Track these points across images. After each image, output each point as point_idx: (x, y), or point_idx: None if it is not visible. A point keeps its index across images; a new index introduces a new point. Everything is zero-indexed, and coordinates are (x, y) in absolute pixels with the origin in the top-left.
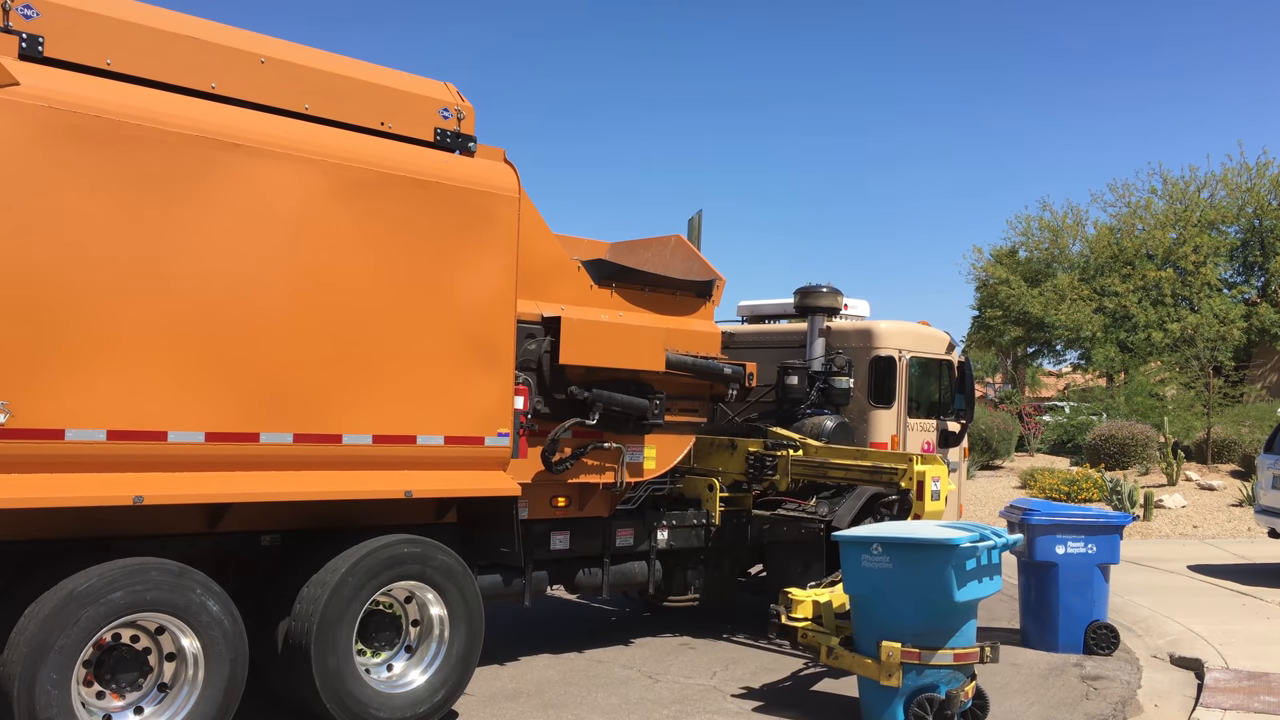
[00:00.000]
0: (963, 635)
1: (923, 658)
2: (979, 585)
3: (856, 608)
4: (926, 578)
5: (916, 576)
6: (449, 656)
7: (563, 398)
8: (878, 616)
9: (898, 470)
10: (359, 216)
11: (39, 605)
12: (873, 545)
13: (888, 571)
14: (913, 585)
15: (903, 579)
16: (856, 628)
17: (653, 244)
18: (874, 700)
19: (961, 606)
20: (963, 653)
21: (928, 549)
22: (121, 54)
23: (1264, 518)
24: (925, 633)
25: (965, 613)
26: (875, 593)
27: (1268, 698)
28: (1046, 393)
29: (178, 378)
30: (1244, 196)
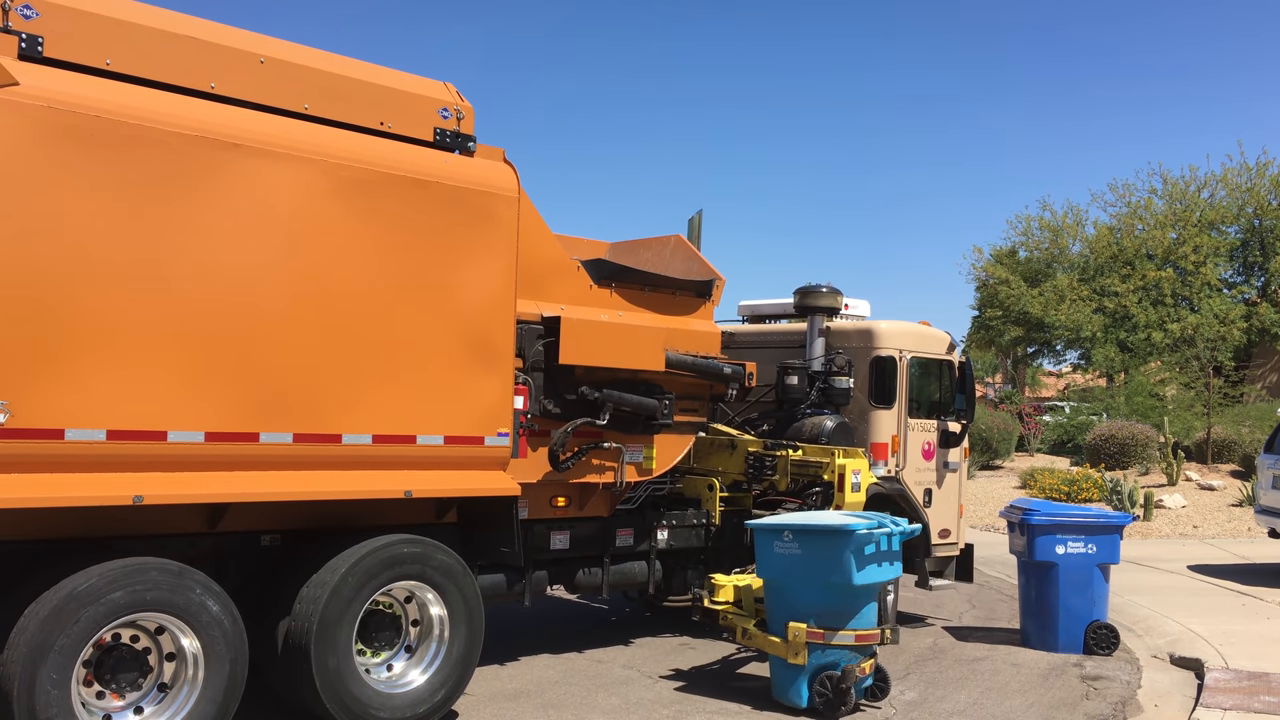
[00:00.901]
0: (863, 618)
1: (826, 638)
2: (878, 569)
3: (769, 591)
4: (829, 561)
5: (820, 560)
6: (449, 656)
7: (573, 398)
8: (787, 599)
9: (823, 464)
10: (359, 216)
11: (39, 605)
12: (784, 532)
13: (796, 556)
14: (817, 569)
15: (808, 563)
16: (769, 610)
17: (653, 244)
18: (783, 677)
19: (861, 589)
20: (864, 634)
21: (829, 534)
22: (121, 54)
23: (1264, 518)
24: (829, 614)
25: (865, 595)
26: (785, 576)
27: (1268, 698)
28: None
29: (178, 377)
30: (1244, 196)
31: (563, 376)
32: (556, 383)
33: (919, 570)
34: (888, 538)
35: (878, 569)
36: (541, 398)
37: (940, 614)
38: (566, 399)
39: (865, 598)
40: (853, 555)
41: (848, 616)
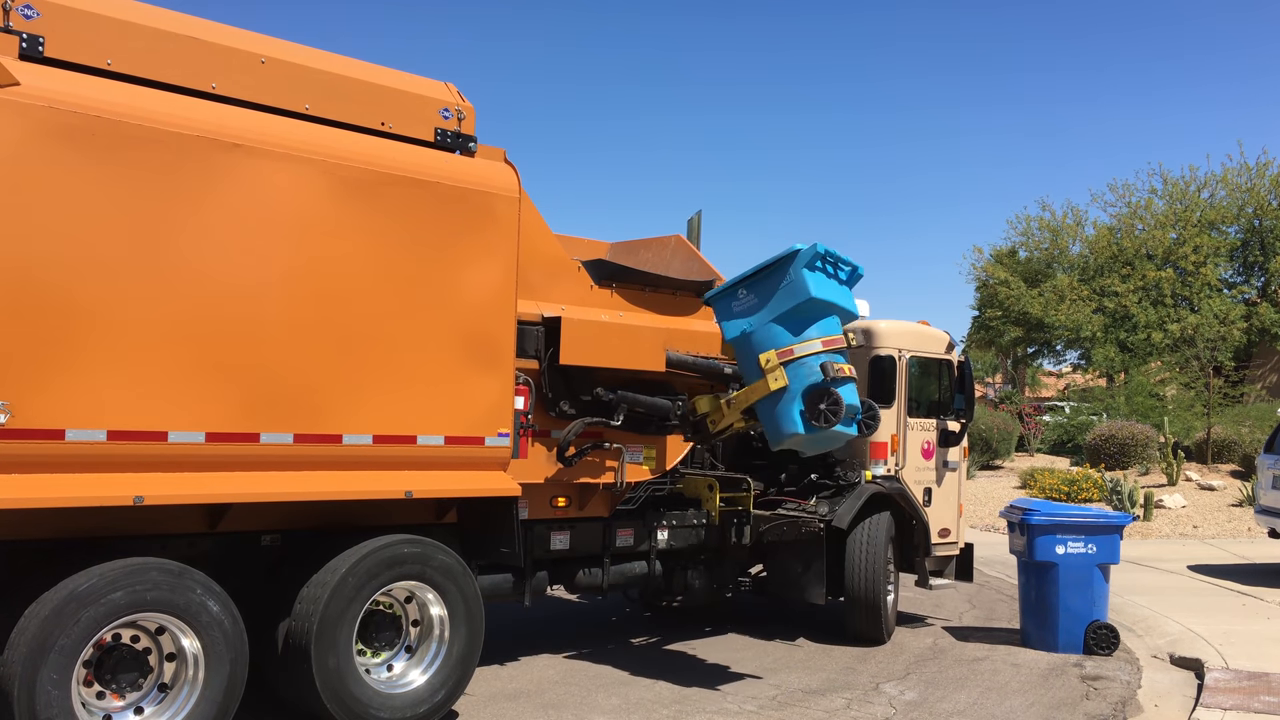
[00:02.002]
0: (825, 327)
1: (796, 351)
2: (830, 285)
3: (739, 351)
4: (783, 289)
5: (773, 292)
6: (449, 656)
7: (588, 399)
8: (755, 347)
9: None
10: (359, 216)
11: (39, 605)
12: (738, 290)
13: (754, 303)
14: (778, 302)
15: (768, 299)
16: (745, 371)
17: (653, 244)
18: (775, 415)
19: (819, 302)
20: (830, 339)
21: (777, 264)
22: (122, 54)
23: (1264, 518)
24: (795, 340)
25: (823, 308)
26: (750, 327)
27: (1268, 698)
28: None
29: (178, 378)
30: (1244, 196)
31: (578, 377)
32: (571, 383)
33: (919, 570)
34: (831, 260)
35: (830, 284)
36: (557, 398)
37: (940, 614)
38: (582, 400)
39: (824, 310)
40: (805, 270)
41: (814, 329)
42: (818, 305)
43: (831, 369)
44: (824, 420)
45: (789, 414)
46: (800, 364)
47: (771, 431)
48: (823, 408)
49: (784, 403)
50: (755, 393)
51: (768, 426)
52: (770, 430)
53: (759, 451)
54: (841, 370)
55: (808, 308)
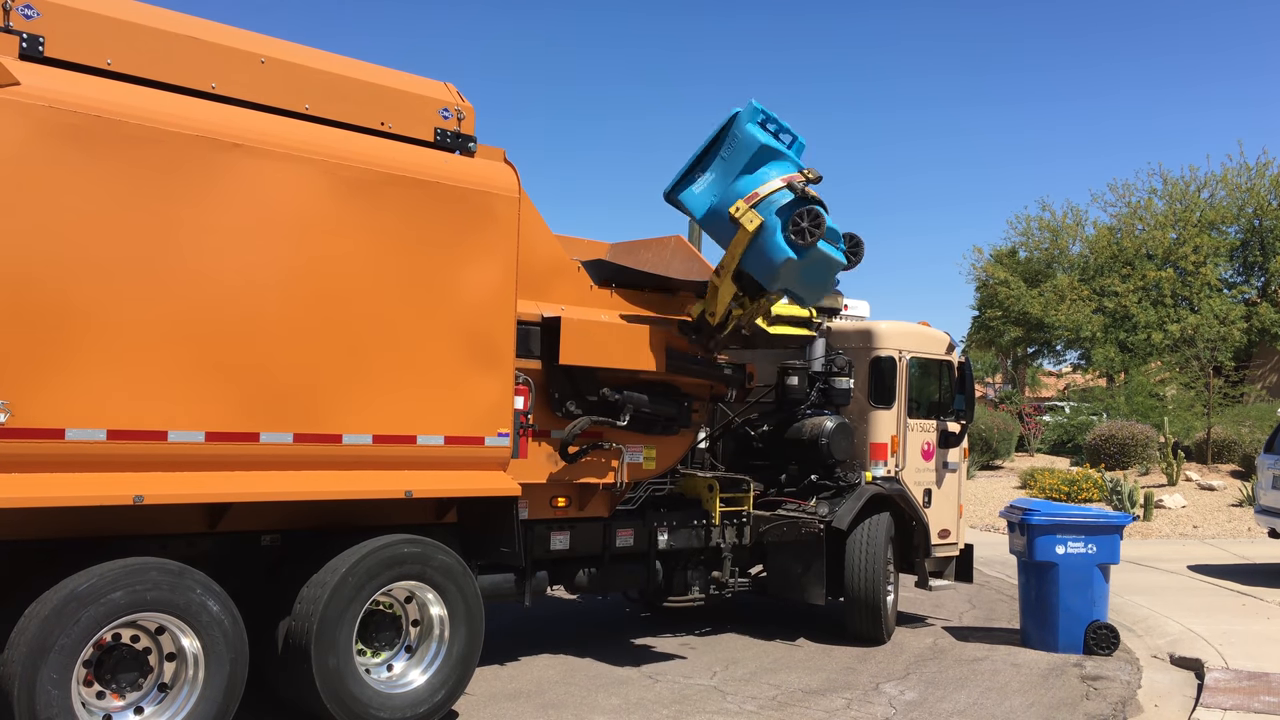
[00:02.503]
0: (782, 168)
1: (760, 192)
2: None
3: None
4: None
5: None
6: (449, 656)
7: (595, 399)
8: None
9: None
10: (359, 216)
11: (39, 605)
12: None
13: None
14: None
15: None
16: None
17: (653, 244)
18: (762, 252)
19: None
20: (788, 176)
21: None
22: (122, 54)
23: (1264, 518)
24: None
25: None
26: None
27: (1268, 698)
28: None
29: (178, 377)
30: (1244, 196)
31: (583, 377)
32: (577, 384)
33: (919, 570)
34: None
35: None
36: (563, 399)
37: (940, 614)
38: (588, 400)
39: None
40: (749, 125)
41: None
42: (769, 151)
43: (799, 184)
44: (807, 236)
45: (773, 243)
46: (768, 200)
47: (765, 274)
48: (804, 224)
49: (765, 237)
50: (737, 245)
51: (761, 273)
52: (764, 274)
53: (759, 452)
54: (809, 174)
55: (761, 156)
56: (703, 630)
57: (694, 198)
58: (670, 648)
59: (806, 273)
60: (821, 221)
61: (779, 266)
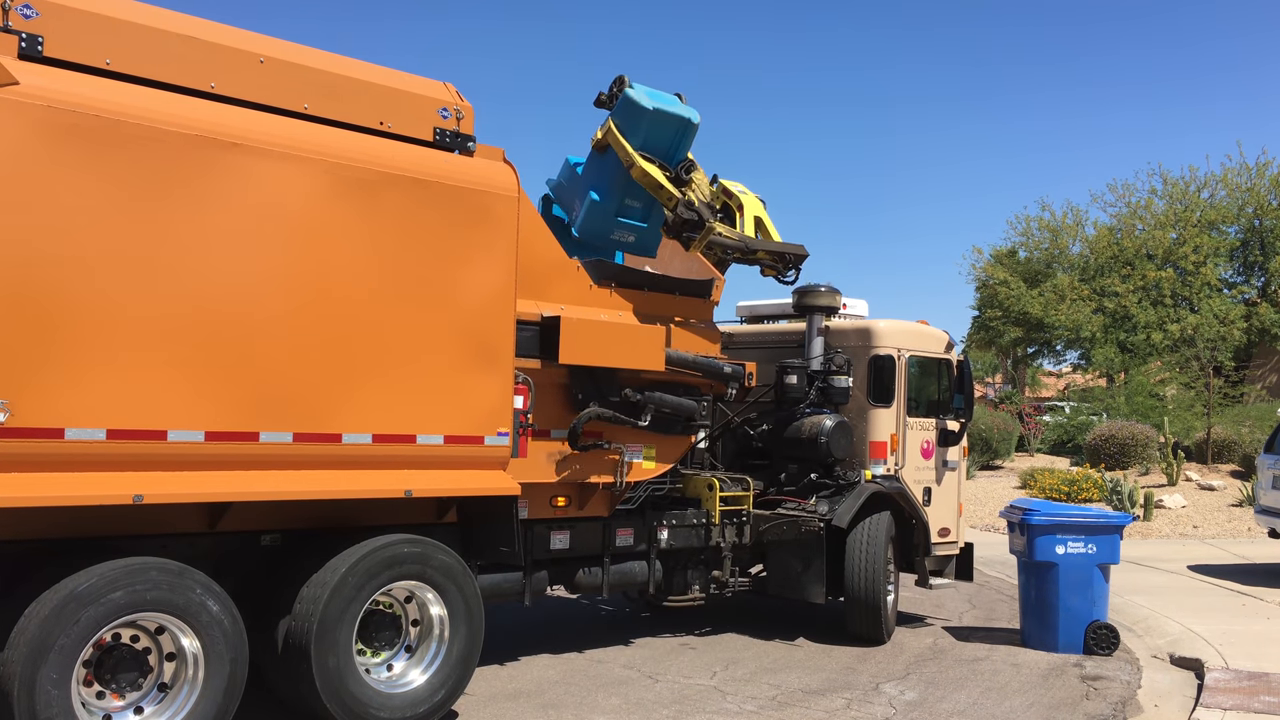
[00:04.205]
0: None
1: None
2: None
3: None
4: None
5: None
6: (449, 656)
7: (617, 400)
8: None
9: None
10: (358, 216)
11: (39, 605)
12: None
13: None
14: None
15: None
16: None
17: None
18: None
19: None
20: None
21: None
22: (121, 54)
23: (1264, 518)
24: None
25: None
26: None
27: (1268, 698)
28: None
29: (178, 377)
30: (1244, 196)
31: (606, 378)
32: (601, 384)
33: (919, 569)
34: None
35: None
36: (587, 399)
37: (940, 614)
38: (611, 401)
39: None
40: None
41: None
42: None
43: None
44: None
45: (621, 106)
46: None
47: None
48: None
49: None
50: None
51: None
52: (628, 124)
53: (759, 451)
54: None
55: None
56: (703, 630)
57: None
58: (670, 648)
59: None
60: (621, 81)
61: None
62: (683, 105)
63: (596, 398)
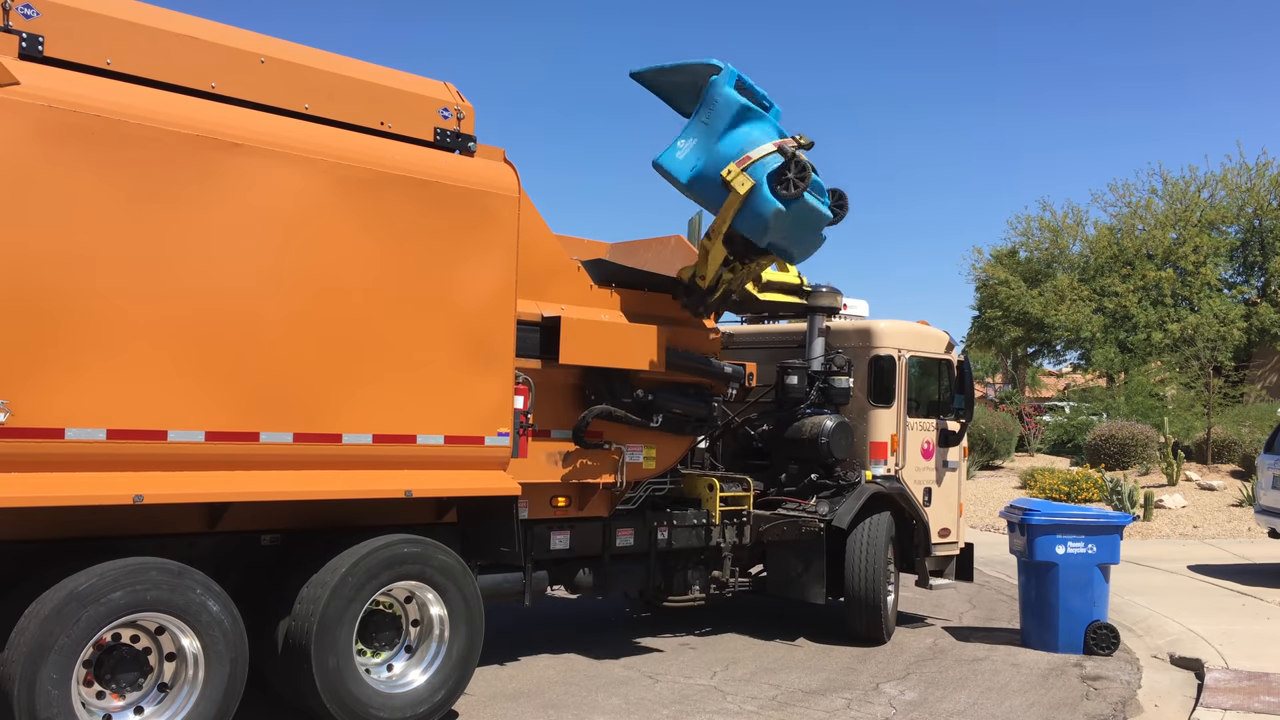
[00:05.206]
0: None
1: (752, 155)
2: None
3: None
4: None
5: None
6: (449, 656)
7: (629, 401)
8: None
9: None
10: (359, 216)
11: (39, 605)
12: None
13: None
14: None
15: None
16: (709, 204)
17: (653, 244)
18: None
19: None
20: (779, 141)
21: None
22: (121, 53)
23: (1264, 518)
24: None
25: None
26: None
27: (1268, 698)
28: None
29: (178, 377)
30: (1244, 196)
31: (620, 379)
32: (614, 385)
33: (919, 569)
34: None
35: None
36: (600, 401)
37: (940, 614)
38: (624, 403)
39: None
40: (729, 89)
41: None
42: (752, 112)
43: (790, 148)
44: (792, 187)
45: (762, 198)
46: (760, 164)
47: (753, 228)
48: (789, 175)
49: (756, 195)
50: (729, 208)
51: (750, 229)
52: (752, 228)
53: (759, 451)
54: (799, 139)
55: (744, 117)
56: (703, 630)
57: (677, 164)
58: (670, 648)
59: (794, 226)
60: (808, 173)
61: (768, 219)
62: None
63: (609, 398)
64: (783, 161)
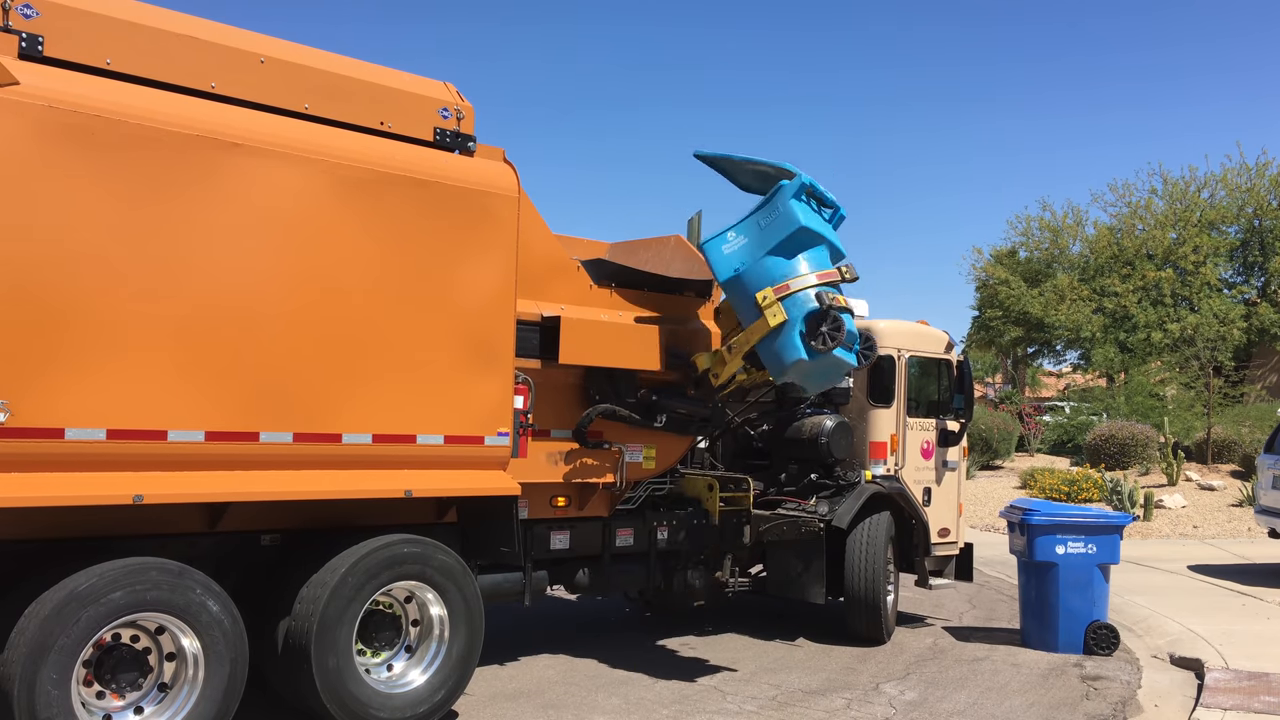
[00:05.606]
0: (816, 259)
1: (791, 285)
2: (816, 217)
3: (734, 291)
4: (776, 219)
5: (769, 227)
6: (449, 656)
7: (633, 401)
8: (751, 285)
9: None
10: (359, 216)
11: (39, 605)
12: (727, 234)
13: (746, 245)
14: (767, 237)
15: (758, 237)
16: (743, 314)
17: (652, 244)
18: (776, 348)
19: (808, 233)
20: (823, 273)
21: (773, 198)
22: (121, 53)
23: (1264, 518)
24: (790, 273)
25: (813, 239)
26: (742, 265)
27: (1268, 698)
28: (1046, 393)
29: (178, 377)
30: (1244, 197)
31: (625, 379)
32: (619, 385)
33: (919, 569)
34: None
35: (816, 218)
36: (604, 401)
37: (940, 614)
38: (627, 403)
39: (813, 240)
40: (792, 200)
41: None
42: (807, 235)
43: (827, 298)
44: (825, 342)
45: (790, 341)
46: (796, 297)
47: (774, 365)
48: (824, 330)
49: (785, 334)
50: (755, 333)
51: (770, 363)
52: (773, 365)
53: (759, 451)
54: (837, 300)
55: (798, 238)
56: (703, 630)
57: (721, 257)
58: (670, 648)
59: (816, 372)
60: (842, 329)
61: (789, 365)
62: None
63: (613, 397)
64: (819, 310)
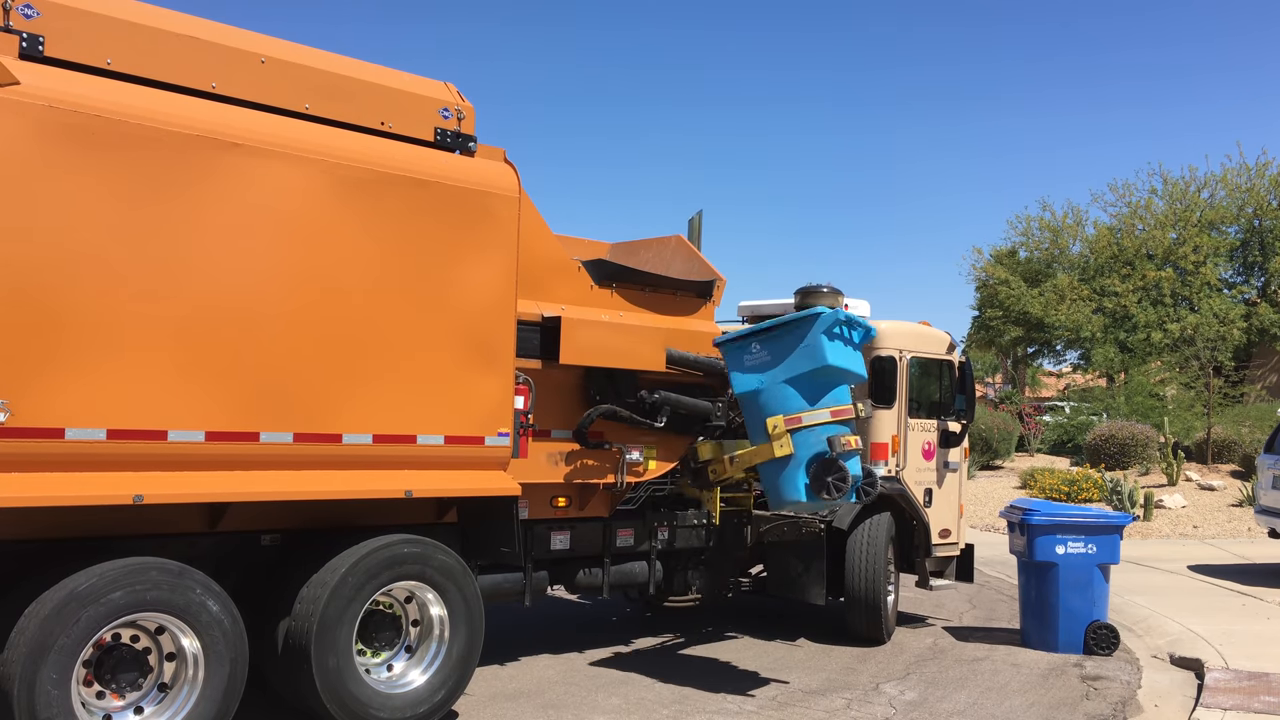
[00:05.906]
0: (836, 396)
1: (804, 420)
2: (845, 352)
3: (747, 406)
4: (800, 352)
5: (789, 352)
6: (449, 656)
7: (634, 401)
8: (765, 408)
9: None
10: (359, 216)
11: (39, 605)
12: (751, 343)
13: (768, 363)
14: (792, 364)
15: (782, 357)
16: (751, 428)
17: (653, 244)
18: (778, 481)
19: (834, 369)
20: (839, 409)
21: (795, 324)
22: (122, 53)
23: (1264, 518)
24: (804, 407)
25: (837, 375)
26: (761, 385)
27: (1268, 698)
28: (1046, 393)
29: (178, 377)
30: (1244, 197)
31: (625, 378)
32: (619, 385)
33: (919, 570)
34: (849, 325)
35: (845, 350)
36: (604, 401)
37: (940, 614)
38: (627, 402)
39: (838, 378)
40: (824, 336)
41: (822, 397)
42: (832, 372)
43: (838, 443)
44: (830, 492)
45: (793, 482)
46: (808, 433)
47: (772, 495)
48: (829, 480)
49: (788, 470)
50: (759, 455)
51: (769, 489)
52: (771, 493)
53: None
54: (848, 444)
55: (822, 374)
56: (703, 630)
57: (741, 367)
58: (670, 648)
59: (810, 509)
60: (847, 479)
61: (786, 501)
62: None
63: (614, 397)
64: (828, 458)
